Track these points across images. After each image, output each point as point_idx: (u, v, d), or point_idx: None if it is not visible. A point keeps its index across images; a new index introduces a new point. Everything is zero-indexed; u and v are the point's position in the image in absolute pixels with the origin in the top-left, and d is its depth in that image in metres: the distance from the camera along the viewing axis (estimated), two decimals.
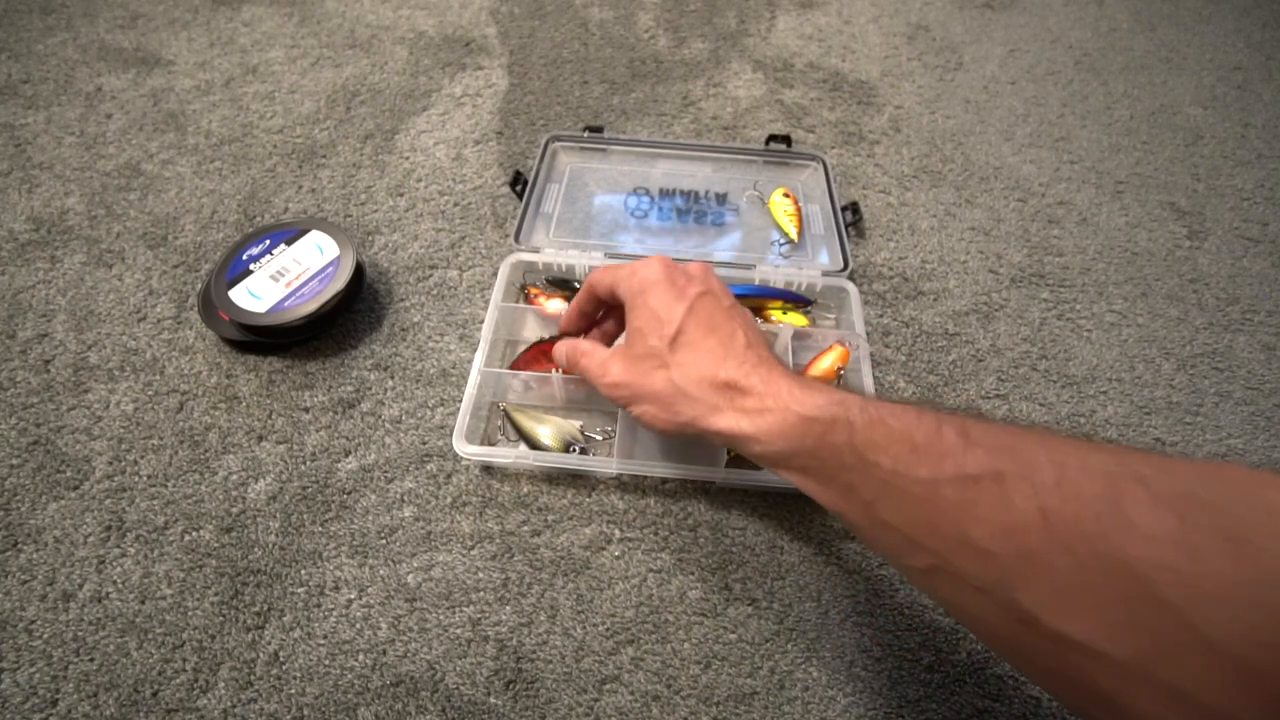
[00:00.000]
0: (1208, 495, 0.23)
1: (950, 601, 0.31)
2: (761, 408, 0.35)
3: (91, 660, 0.43)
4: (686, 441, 0.53)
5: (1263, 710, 0.20)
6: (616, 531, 0.49)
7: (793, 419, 0.34)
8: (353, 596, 0.46)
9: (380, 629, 0.45)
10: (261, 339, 0.56)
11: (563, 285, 0.61)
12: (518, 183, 0.67)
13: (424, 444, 0.53)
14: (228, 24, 0.87)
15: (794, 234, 0.65)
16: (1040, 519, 0.25)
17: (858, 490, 0.32)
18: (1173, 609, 0.22)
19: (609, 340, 0.48)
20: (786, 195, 0.67)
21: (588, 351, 0.43)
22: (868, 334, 0.59)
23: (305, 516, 0.49)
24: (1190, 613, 0.22)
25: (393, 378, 0.56)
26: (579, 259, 0.60)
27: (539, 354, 0.55)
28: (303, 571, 0.47)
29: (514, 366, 0.55)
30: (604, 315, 0.48)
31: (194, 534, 0.48)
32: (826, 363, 0.54)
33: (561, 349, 0.46)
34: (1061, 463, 0.26)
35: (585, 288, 0.46)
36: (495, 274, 0.59)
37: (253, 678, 0.43)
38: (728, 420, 0.36)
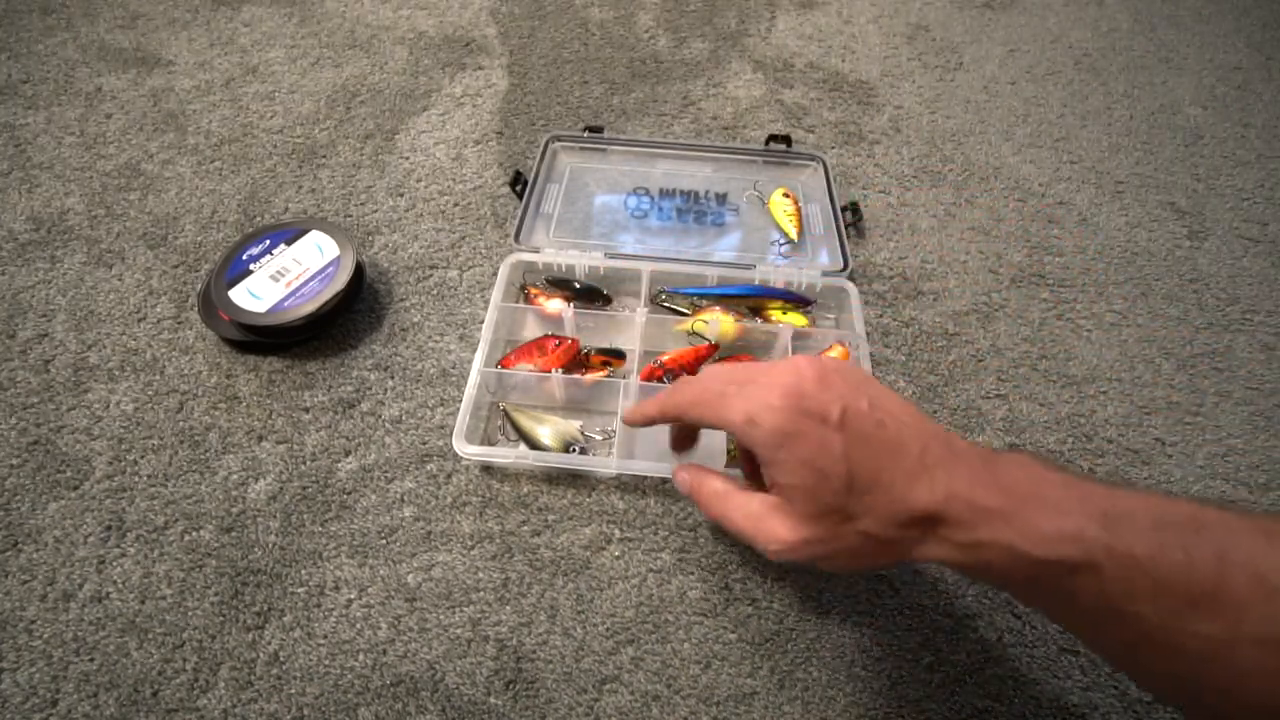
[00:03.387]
0: None
1: None
2: (973, 540, 0.29)
3: (91, 660, 0.43)
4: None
5: None
6: (616, 531, 0.49)
7: (1020, 560, 0.28)
8: (353, 596, 0.46)
9: (380, 629, 0.45)
10: (261, 339, 0.56)
11: (563, 285, 0.61)
12: (518, 183, 0.67)
13: (424, 444, 0.53)
14: (228, 24, 0.87)
15: (794, 234, 0.65)
16: None
17: (1111, 636, 0.28)
18: None
19: (684, 441, 0.44)
20: (786, 195, 0.67)
21: (725, 495, 0.37)
22: (868, 334, 0.59)
23: (305, 516, 0.49)
24: None
25: (393, 378, 0.56)
26: (579, 259, 0.60)
27: (533, 348, 0.55)
28: (303, 571, 0.47)
29: (507, 359, 0.55)
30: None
31: (194, 534, 0.48)
32: None
33: (686, 480, 0.39)
34: None
35: (661, 412, 0.39)
36: (495, 274, 0.59)
37: (253, 678, 0.43)
38: (940, 552, 0.31)
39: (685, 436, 0.43)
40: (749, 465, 0.40)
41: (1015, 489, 0.29)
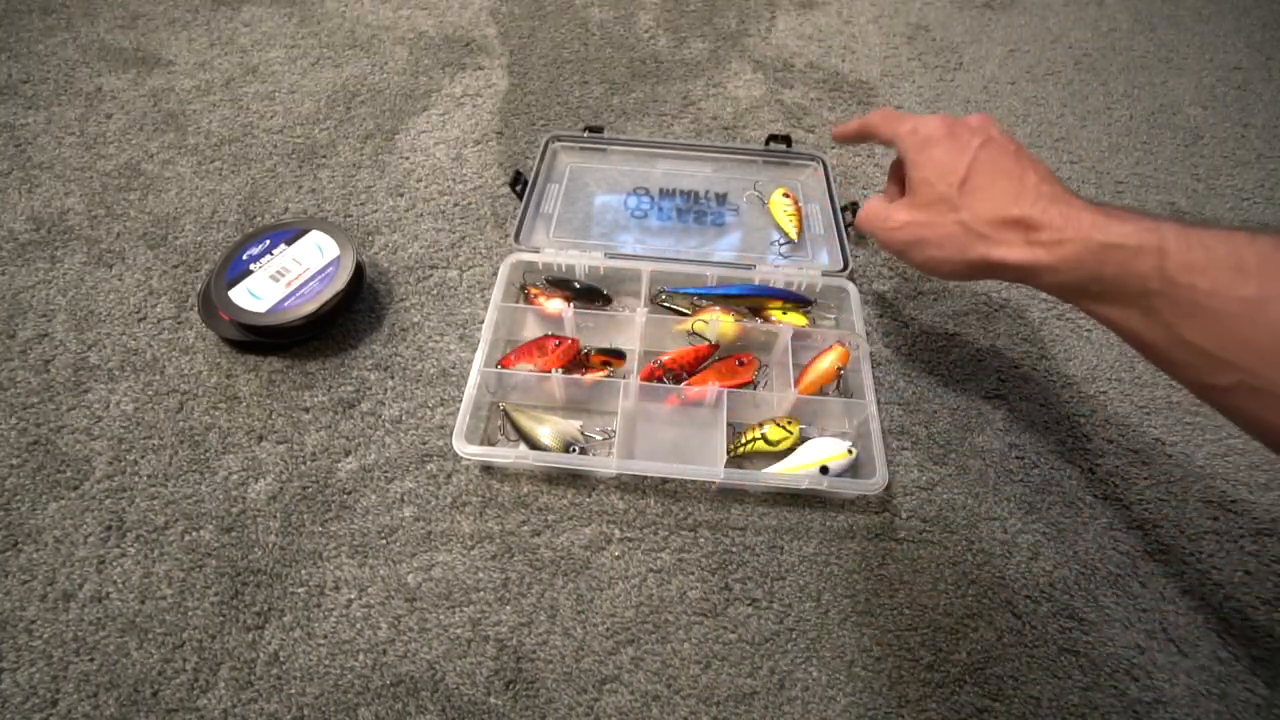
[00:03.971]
0: None
1: (1248, 416, 0.32)
2: (1059, 238, 0.36)
3: (91, 660, 0.43)
4: (685, 440, 0.53)
5: None
6: (616, 531, 0.49)
7: (1094, 247, 0.35)
8: (353, 596, 0.46)
9: (380, 629, 0.45)
10: (261, 339, 0.56)
11: (563, 285, 0.61)
12: (518, 183, 0.67)
13: (424, 444, 0.53)
14: (228, 24, 0.87)
15: (794, 234, 0.65)
16: None
17: (1160, 312, 0.33)
18: None
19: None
20: (786, 195, 0.67)
21: (874, 203, 0.46)
22: (868, 334, 0.59)
23: (305, 516, 0.49)
24: None
25: (393, 378, 0.56)
26: (579, 259, 0.60)
27: (533, 348, 0.55)
28: (303, 571, 0.47)
29: (507, 359, 0.55)
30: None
31: (194, 534, 0.48)
32: (826, 362, 0.54)
33: (861, 213, 0.48)
34: None
35: (862, 126, 0.49)
36: (495, 274, 0.59)
37: (253, 678, 0.43)
38: (1021, 252, 0.37)
39: (855, 135, 0.51)
40: (898, 188, 0.48)
41: (1114, 212, 0.36)
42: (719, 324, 0.56)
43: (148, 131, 0.74)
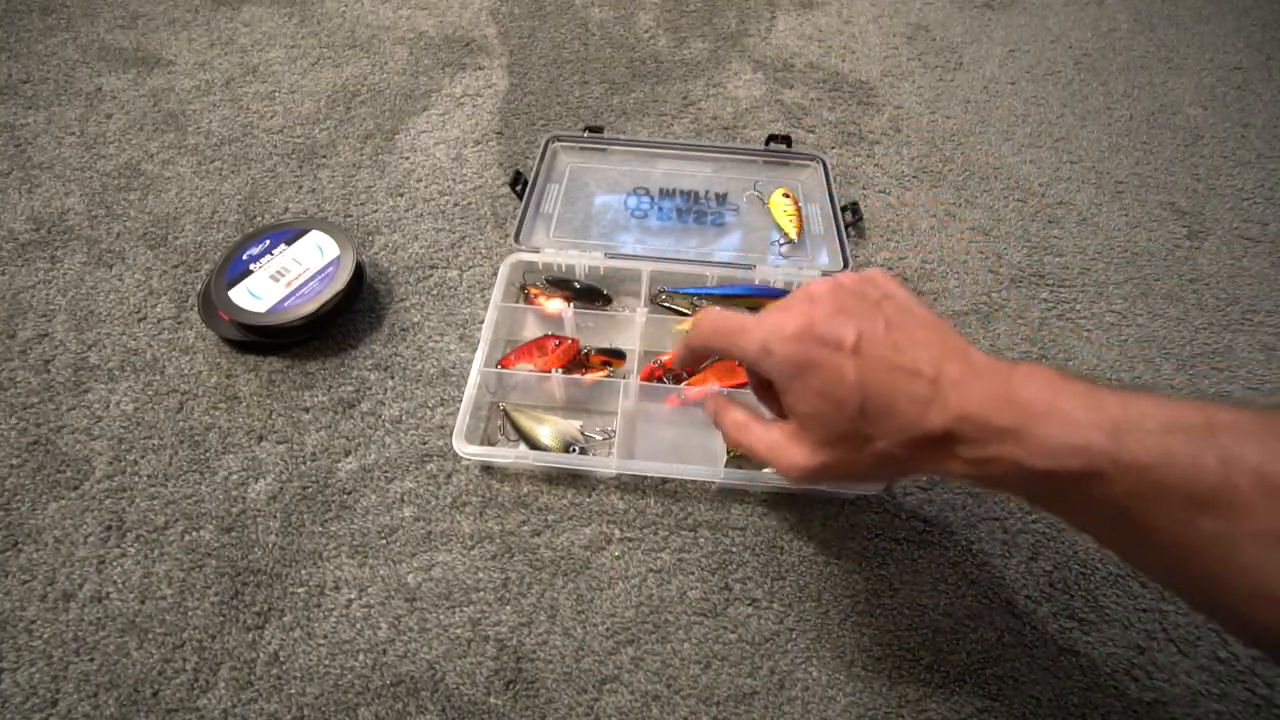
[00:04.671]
0: None
1: (1230, 630, 0.29)
2: (984, 456, 0.30)
3: (91, 660, 0.43)
4: (684, 440, 0.53)
5: None
6: (616, 531, 0.49)
7: (1027, 474, 0.29)
8: (353, 596, 0.46)
9: (380, 629, 0.45)
10: (261, 339, 0.56)
11: (563, 285, 0.61)
12: (518, 183, 0.67)
13: (424, 444, 0.53)
14: (228, 24, 0.87)
15: (794, 234, 0.65)
16: None
17: (1121, 534, 0.29)
18: None
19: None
20: (786, 195, 0.67)
21: (745, 424, 0.38)
22: None
23: (305, 516, 0.49)
24: None
25: (393, 378, 0.56)
26: (579, 259, 0.60)
27: (533, 348, 0.55)
28: (303, 571, 0.47)
29: (507, 359, 0.55)
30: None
31: (194, 534, 0.48)
32: None
33: (711, 408, 0.41)
34: None
35: (690, 347, 0.40)
36: (495, 274, 0.59)
37: (253, 678, 0.43)
38: (954, 467, 0.32)
39: (694, 359, 0.43)
40: (766, 394, 0.41)
41: (1029, 405, 0.30)
42: None
43: (148, 131, 0.74)
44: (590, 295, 0.60)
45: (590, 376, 0.53)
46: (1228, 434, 0.26)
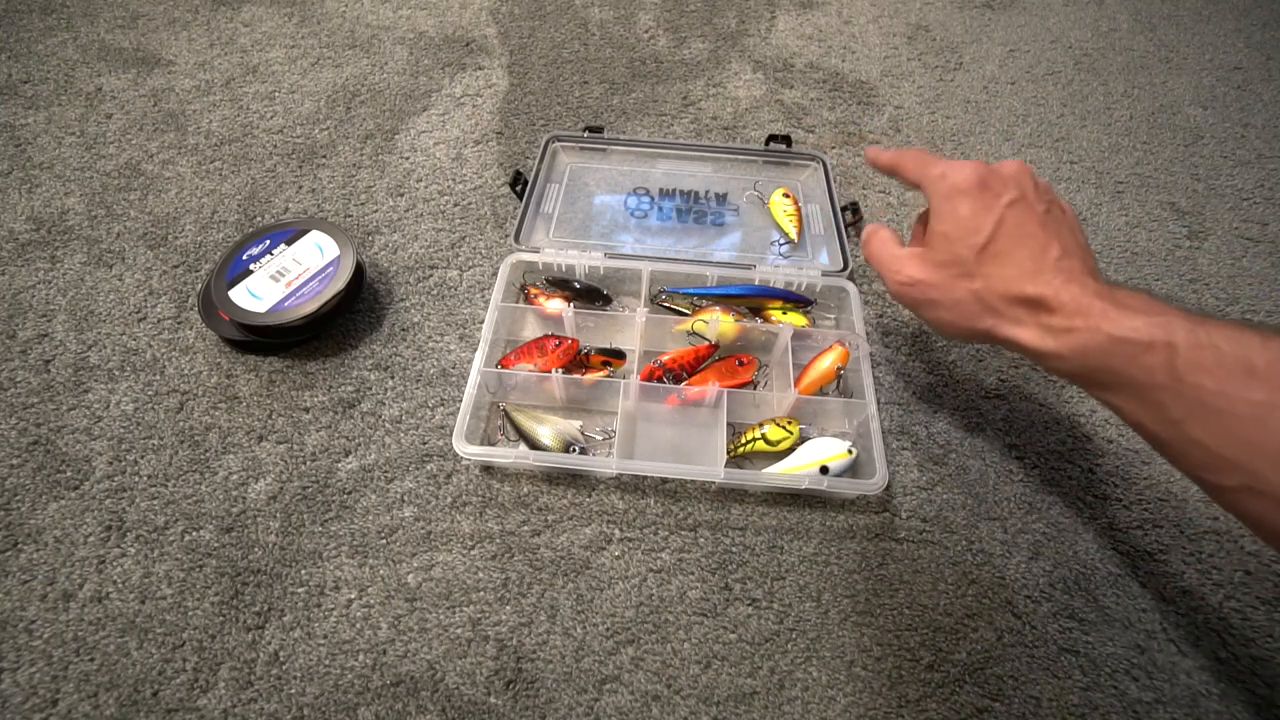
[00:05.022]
0: None
1: (1257, 518, 0.31)
2: (1068, 326, 0.35)
3: (91, 660, 0.43)
4: (685, 440, 0.54)
5: None
6: (616, 531, 0.49)
7: (1102, 339, 0.34)
8: (353, 596, 0.46)
9: (380, 629, 0.45)
10: (261, 339, 0.56)
11: (563, 285, 0.61)
12: (518, 183, 0.67)
13: (424, 444, 0.53)
14: (228, 24, 0.87)
15: (794, 234, 0.65)
16: None
17: (1167, 408, 0.32)
18: None
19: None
20: (786, 195, 0.67)
21: (886, 240, 0.44)
22: (868, 334, 0.59)
23: (305, 516, 0.49)
24: None
25: (393, 378, 0.56)
26: (579, 259, 0.60)
27: (533, 348, 0.55)
28: (303, 571, 0.47)
29: (507, 359, 0.55)
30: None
31: (194, 534, 0.48)
32: (826, 362, 0.54)
33: (868, 231, 0.46)
34: None
35: (894, 160, 0.45)
36: (495, 274, 0.59)
37: (253, 678, 0.43)
38: (1029, 334, 0.36)
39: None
40: (919, 235, 0.45)
41: (1124, 301, 0.35)
42: (719, 324, 0.56)
43: (148, 131, 0.74)
44: (590, 295, 0.60)
45: (590, 376, 0.53)
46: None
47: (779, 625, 0.46)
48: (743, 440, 0.52)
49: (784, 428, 0.52)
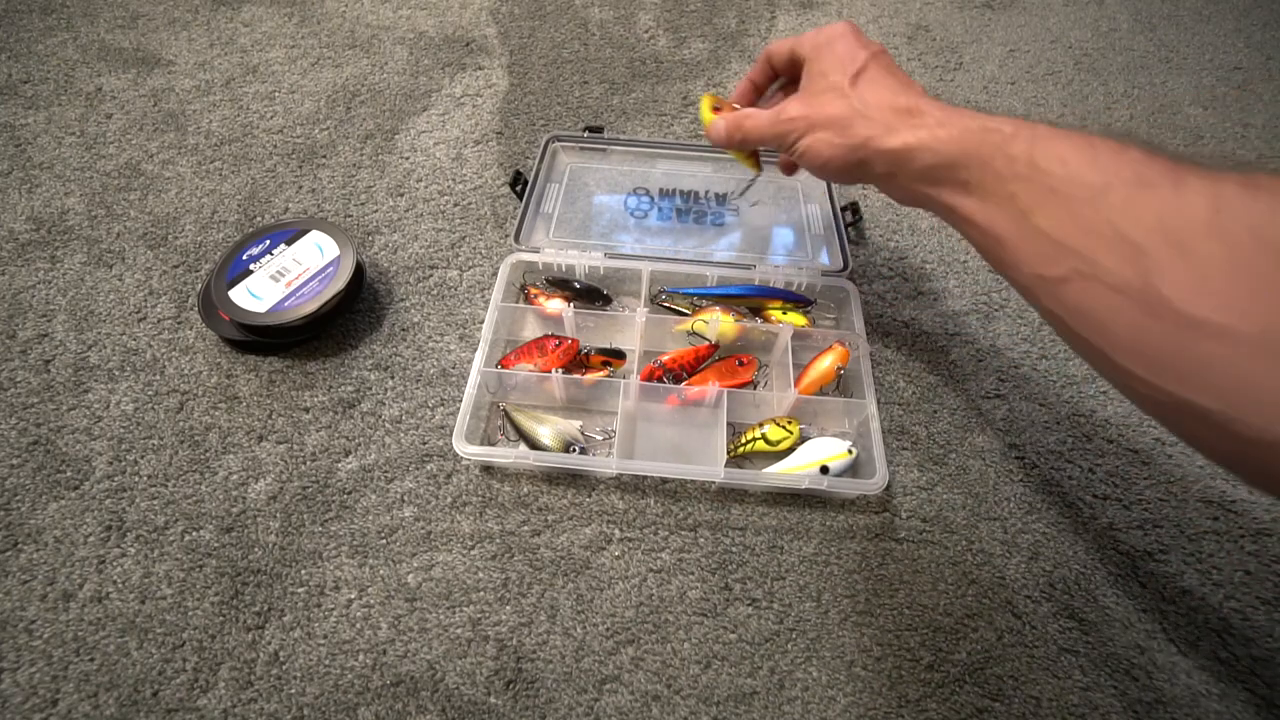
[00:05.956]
0: None
1: (1077, 307, 0.32)
2: (940, 122, 0.38)
3: (91, 660, 0.43)
4: (685, 440, 0.54)
5: None
6: (616, 531, 0.49)
7: (975, 125, 0.37)
8: (353, 596, 0.46)
9: (380, 629, 0.45)
10: (261, 339, 0.56)
11: (563, 285, 0.61)
12: (518, 183, 0.67)
13: (424, 444, 0.53)
14: (228, 24, 0.87)
15: (755, 168, 0.55)
16: (1209, 214, 0.27)
17: (1018, 199, 0.34)
18: None
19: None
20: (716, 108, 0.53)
21: (752, 113, 0.47)
22: (868, 334, 0.59)
23: (305, 516, 0.49)
24: None
25: (393, 378, 0.56)
26: (579, 259, 0.60)
27: (533, 348, 0.55)
28: (303, 571, 0.47)
29: (507, 359, 0.55)
30: (775, 90, 0.51)
31: (194, 534, 0.48)
32: (826, 362, 0.54)
33: (720, 122, 0.48)
34: (1253, 183, 0.27)
35: (761, 58, 0.49)
36: (495, 274, 0.59)
37: (253, 678, 0.43)
38: (902, 136, 0.39)
39: (751, 86, 0.52)
40: (787, 93, 0.49)
41: (984, 114, 0.38)
42: (719, 324, 0.56)
43: (148, 131, 0.74)
44: (590, 295, 0.60)
45: (590, 376, 0.53)
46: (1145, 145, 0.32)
47: (779, 625, 0.46)
48: (743, 440, 0.52)
49: (784, 428, 0.52)
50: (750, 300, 0.60)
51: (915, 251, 0.67)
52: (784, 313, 0.60)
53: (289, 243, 0.60)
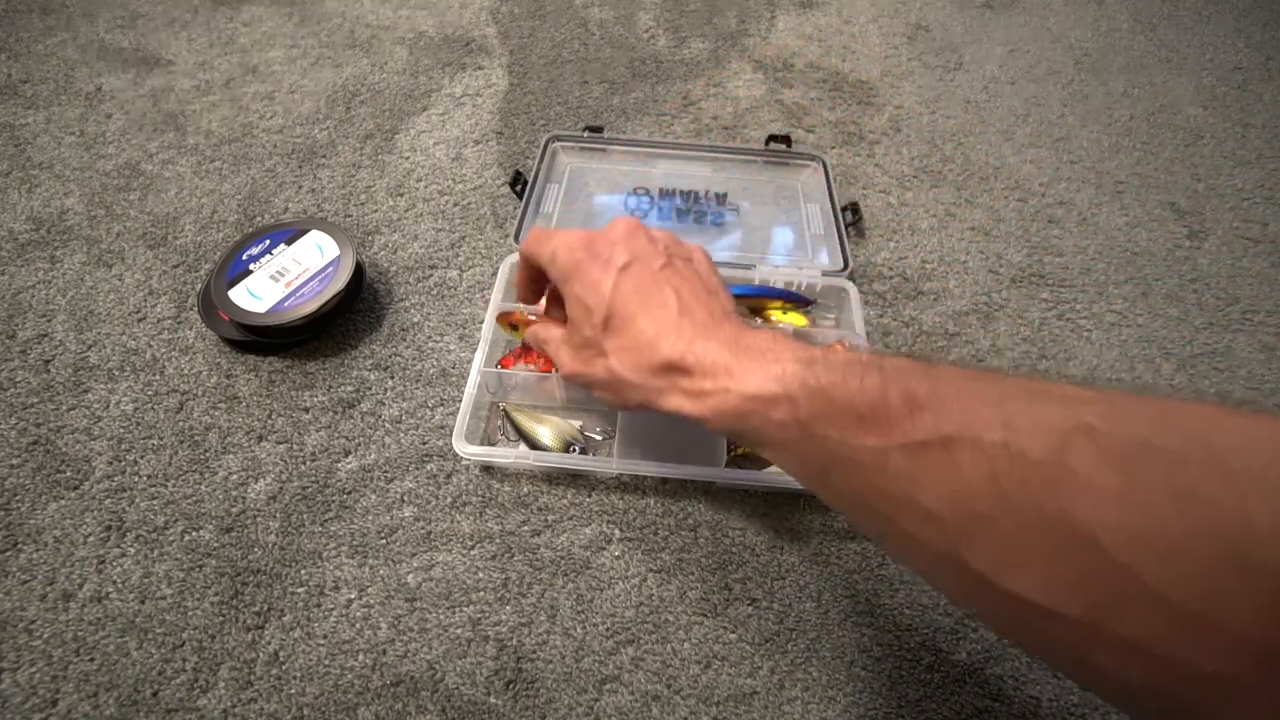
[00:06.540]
0: (1159, 442, 0.23)
1: (909, 563, 0.31)
2: (701, 390, 0.34)
3: (91, 660, 0.43)
4: (685, 440, 0.54)
5: (1213, 658, 0.20)
6: (616, 531, 0.49)
7: (734, 400, 0.33)
8: (353, 596, 0.46)
9: (380, 629, 0.45)
10: (261, 339, 0.56)
11: None
12: (518, 183, 0.67)
13: (424, 444, 0.53)
14: (228, 24, 0.87)
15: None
16: (989, 483, 0.25)
17: (809, 461, 0.32)
18: (1120, 566, 0.22)
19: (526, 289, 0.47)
20: None
21: (548, 338, 0.43)
22: (868, 334, 0.59)
23: (305, 516, 0.49)
24: (1138, 568, 0.21)
25: (393, 378, 0.56)
26: None
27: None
28: (303, 571, 0.47)
29: (507, 359, 0.55)
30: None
31: (194, 534, 0.48)
32: None
33: (530, 333, 0.46)
34: (1009, 422, 0.25)
35: (520, 259, 0.44)
36: (495, 274, 0.59)
37: (253, 678, 0.43)
38: (675, 402, 0.35)
39: (524, 285, 0.46)
40: (555, 305, 0.46)
41: (749, 349, 0.34)
42: None
43: (148, 131, 0.74)
44: None
45: None
46: (893, 367, 0.29)
47: (779, 625, 0.46)
48: None
49: None
50: (750, 300, 0.60)
51: (915, 251, 0.67)
52: (784, 313, 0.60)
53: (289, 243, 0.60)
